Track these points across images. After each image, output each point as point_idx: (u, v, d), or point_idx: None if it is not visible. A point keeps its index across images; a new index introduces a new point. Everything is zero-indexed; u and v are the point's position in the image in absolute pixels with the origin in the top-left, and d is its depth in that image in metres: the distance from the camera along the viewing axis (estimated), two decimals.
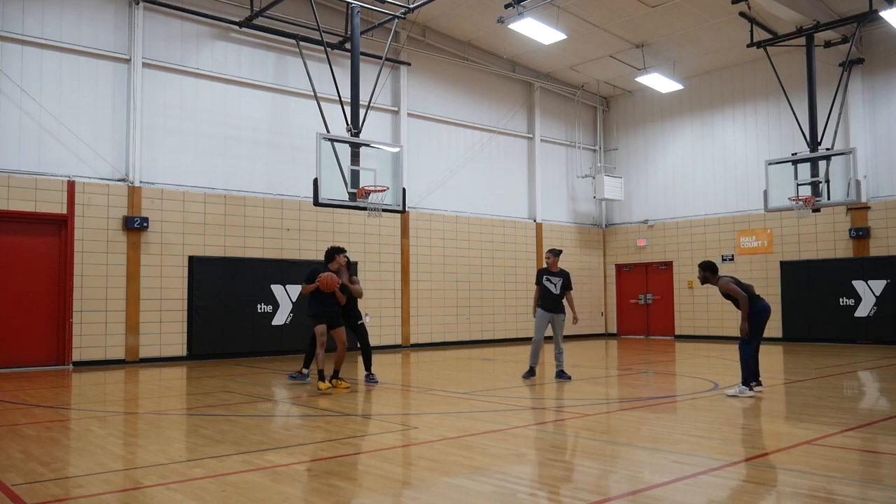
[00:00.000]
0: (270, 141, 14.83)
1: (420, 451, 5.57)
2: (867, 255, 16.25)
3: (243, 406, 7.93)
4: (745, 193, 18.28)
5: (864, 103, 16.58)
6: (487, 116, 18.68)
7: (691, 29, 16.60)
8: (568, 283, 10.08)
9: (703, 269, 8.57)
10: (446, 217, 17.51)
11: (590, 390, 9.27)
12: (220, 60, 14.29)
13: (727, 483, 4.43)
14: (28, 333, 12.00)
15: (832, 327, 16.54)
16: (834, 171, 14.36)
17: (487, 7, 15.51)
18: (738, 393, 8.17)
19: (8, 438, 6.03)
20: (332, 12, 15.38)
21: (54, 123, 12.33)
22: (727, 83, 18.96)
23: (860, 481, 4.54)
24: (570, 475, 4.84)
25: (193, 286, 13.42)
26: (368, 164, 12.49)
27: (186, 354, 13.32)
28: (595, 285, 21.06)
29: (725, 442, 5.71)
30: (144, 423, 6.95)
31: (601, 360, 13.64)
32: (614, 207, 21.42)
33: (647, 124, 20.70)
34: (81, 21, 12.74)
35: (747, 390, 8.20)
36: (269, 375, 11.06)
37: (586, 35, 16.98)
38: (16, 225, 11.99)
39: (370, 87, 13.76)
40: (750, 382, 8.32)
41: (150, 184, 13.22)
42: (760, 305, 8.40)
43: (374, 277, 16.02)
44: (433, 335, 16.88)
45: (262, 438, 6.02)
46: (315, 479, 4.63)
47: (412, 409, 7.93)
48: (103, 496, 4.23)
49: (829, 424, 6.35)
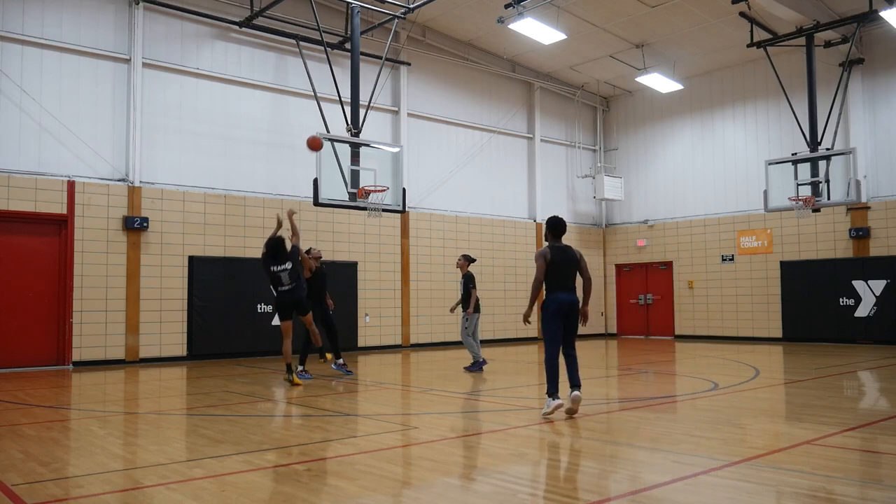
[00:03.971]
0: (270, 141, 14.83)
1: (420, 451, 5.57)
2: (867, 255, 16.24)
3: (243, 406, 7.93)
4: (745, 193, 18.28)
5: (864, 103, 16.58)
6: (487, 116, 18.68)
7: (691, 29, 16.60)
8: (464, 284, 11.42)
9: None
10: (446, 217, 17.51)
11: (590, 390, 9.26)
12: (220, 60, 14.29)
13: (727, 483, 4.42)
14: (28, 333, 12.00)
15: (832, 327, 16.54)
16: (834, 171, 14.36)
17: (487, 7, 15.51)
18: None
19: (8, 438, 6.03)
20: (332, 12, 15.38)
21: (54, 123, 12.33)
22: (727, 83, 18.95)
23: (860, 481, 4.54)
24: (570, 475, 4.84)
25: (193, 286, 13.42)
26: (368, 164, 12.49)
27: (186, 354, 13.32)
28: (595, 285, 21.05)
29: (725, 442, 5.71)
30: (144, 423, 6.95)
31: (601, 360, 13.63)
32: (614, 207, 21.42)
33: (647, 124, 20.70)
34: (81, 21, 12.74)
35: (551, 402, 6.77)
36: (269, 375, 11.06)
37: (586, 35, 16.98)
38: (16, 225, 11.99)
39: (370, 87, 13.76)
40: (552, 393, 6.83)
41: (150, 184, 13.22)
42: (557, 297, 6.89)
43: (374, 277, 16.02)
44: (433, 335, 16.87)
45: (262, 438, 6.02)
46: (315, 479, 4.63)
47: (412, 409, 7.92)
48: (103, 496, 4.23)
49: (829, 424, 6.35)
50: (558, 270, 6.90)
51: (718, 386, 9.17)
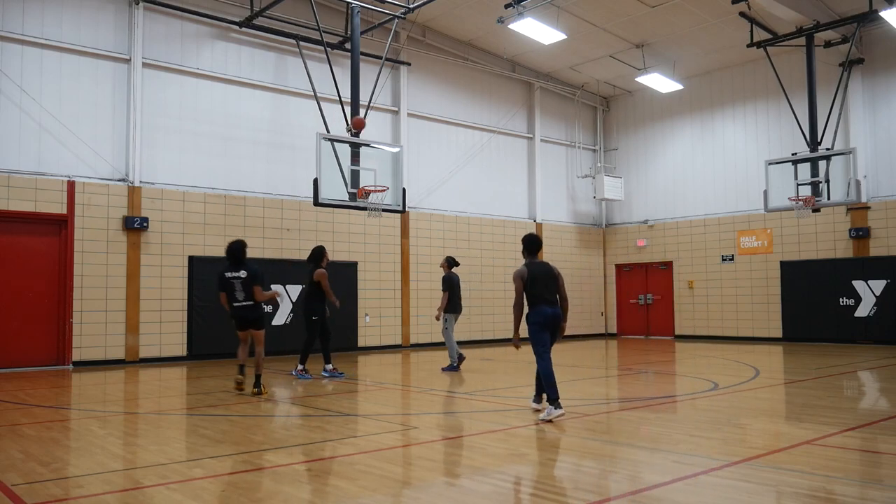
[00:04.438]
0: (270, 141, 14.82)
1: (420, 451, 5.57)
2: (867, 255, 16.24)
3: (243, 406, 7.93)
4: (745, 193, 18.28)
5: (864, 103, 16.58)
6: (487, 116, 18.68)
7: (691, 29, 16.60)
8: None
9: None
10: (446, 217, 17.51)
11: (590, 390, 9.27)
12: (220, 60, 14.28)
13: (727, 483, 4.43)
14: (28, 333, 12.00)
15: (832, 327, 16.54)
16: (834, 171, 14.37)
17: (487, 7, 15.51)
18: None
19: (8, 438, 6.03)
20: (332, 12, 15.38)
21: (54, 123, 12.33)
22: (727, 83, 18.95)
23: (860, 481, 4.54)
24: (570, 475, 4.84)
25: (193, 286, 13.42)
26: (368, 164, 12.49)
27: (186, 354, 13.32)
28: (595, 285, 21.06)
29: (725, 442, 5.71)
30: (144, 423, 6.95)
31: (601, 360, 13.64)
32: (614, 207, 21.41)
33: (647, 124, 20.70)
34: (81, 21, 12.74)
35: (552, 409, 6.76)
36: (269, 375, 11.05)
37: (586, 35, 16.98)
38: (16, 225, 11.98)
39: (370, 87, 13.76)
40: (543, 396, 7.14)
41: (150, 184, 13.22)
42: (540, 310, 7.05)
43: (374, 277, 16.02)
44: (433, 335, 16.86)
45: (262, 438, 6.02)
46: (315, 479, 4.63)
47: (412, 409, 7.93)
48: (103, 496, 4.23)
49: (829, 424, 6.35)
50: (539, 284, 7.02)
51: (718, 386, 9.17)
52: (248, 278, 8.60)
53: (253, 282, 8.60)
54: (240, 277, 8.60)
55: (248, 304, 8.67)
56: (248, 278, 8.59)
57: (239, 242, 8.79)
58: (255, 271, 8.66)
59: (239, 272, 8.62)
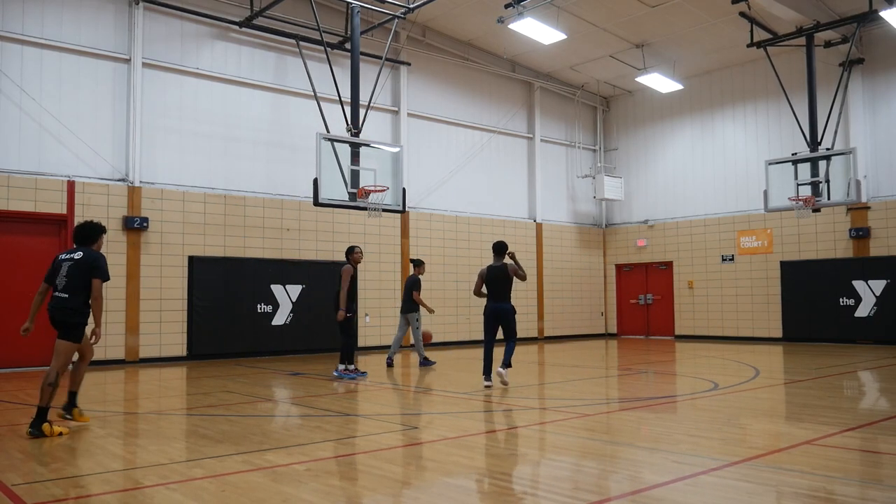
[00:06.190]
0: (270, 141, 14.82)
1: (420, 451, 5.57)
2: (867, 255, 16.24)
3: (243, 406, 7.93)
4: (745, 193, 18.28)
5: (864, 103, 16.58)
6: (487, 116, 18.68)
7: (691, 29, 16.60)
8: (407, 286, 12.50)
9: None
10: (446, 217, 17.51)
11: (590, 390, 9.27)
12: (220, 60, 14.29)
13: (727, 483, 4.43)
14: None
15: (832, 327, 16.54)
16: (834, 171, 14.36)
17: (487, 7, 15.51)
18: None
19: (8, 438, 6.03)
20: (332, 12, 15.37)
21: (54, 123, 12.33)
22: (727, 83, 18.96)
23: (860, 481, 4.54)
24: (570, 475, 4.84)
25: (193, 286, 13.41)
26: (368, 164, 12.50)
27: (186, 354, 13.32)
28: (595, 285, 21.06)
29: (725, 442, 5.71)
30: (144, 423, 6.95)
31: (601, 360, 13.63)
32: (614, 207, 21.42)
33: (647, 124, 20.70)
34: (81, 21, 12.74)
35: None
36: (269, 375, 11.06)
37: (586, 35, 16.98)
38: (16, 225, 11.98)
39: (370, 87, 13.76)
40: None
41: (150, 184, 13.22)
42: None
43: (374, 277, 16.02)
44: (433, 335, 16.83)
45: (262, 438, 6.02)
46: (315, 479, 4.63)
47: (412, 409, 7.93)
48: (103, 496, 4.23)
49: (829, 424, 6.35)
50: (489, 284, 9.38)
51: (718, 386, 9.17)
52: (83, 262, 6.39)
53: (88, 270, 6.37)
54: (72, 260, 6.41)
55: (69, 302, 6.34)
56: (82, 262, 6.39)
57: (91, 223, 6.73)
58: (95, 258, 6.43)
59: (74, 254, 6.46)
